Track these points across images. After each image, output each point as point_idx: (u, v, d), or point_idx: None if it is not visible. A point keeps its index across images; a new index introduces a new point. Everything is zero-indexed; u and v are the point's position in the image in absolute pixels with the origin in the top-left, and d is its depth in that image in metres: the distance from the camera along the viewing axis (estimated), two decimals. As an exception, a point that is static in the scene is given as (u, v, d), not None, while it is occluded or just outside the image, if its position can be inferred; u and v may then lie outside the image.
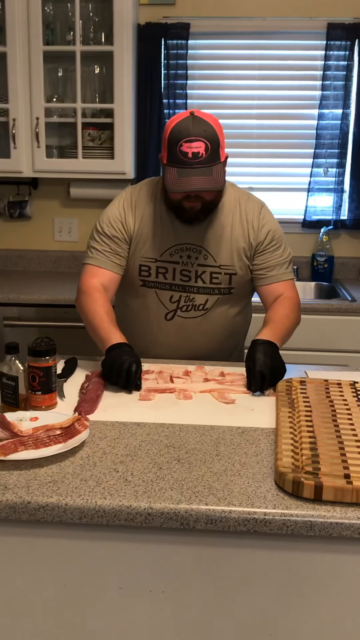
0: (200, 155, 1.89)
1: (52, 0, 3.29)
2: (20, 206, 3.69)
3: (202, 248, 2.10)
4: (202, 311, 2.15)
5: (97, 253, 2.13)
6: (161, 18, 3.48)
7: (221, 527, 1.30)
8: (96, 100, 3.42)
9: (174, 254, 2.11)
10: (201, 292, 2.14)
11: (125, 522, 1.31)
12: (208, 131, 1.91)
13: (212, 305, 2.15)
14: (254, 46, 3.54)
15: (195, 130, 1.90)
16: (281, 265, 2.15)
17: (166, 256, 2.11)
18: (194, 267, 2.11)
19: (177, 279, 2.12)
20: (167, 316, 2.16)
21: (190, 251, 2.10)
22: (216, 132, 1.93)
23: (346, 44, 3.42)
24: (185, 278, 2.12)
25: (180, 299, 2.14)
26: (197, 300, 2.14)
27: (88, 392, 1.82)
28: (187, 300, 2.14)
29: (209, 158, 1.90)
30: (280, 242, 2.16)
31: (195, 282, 2.12)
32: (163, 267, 2.12)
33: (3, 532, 1.36)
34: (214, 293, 2.14)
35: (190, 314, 2.15)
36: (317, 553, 1.32)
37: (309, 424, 1.60)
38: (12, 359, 1.72)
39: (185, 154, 1.89)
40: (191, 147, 1.88)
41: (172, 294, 2.14)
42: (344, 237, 3.69)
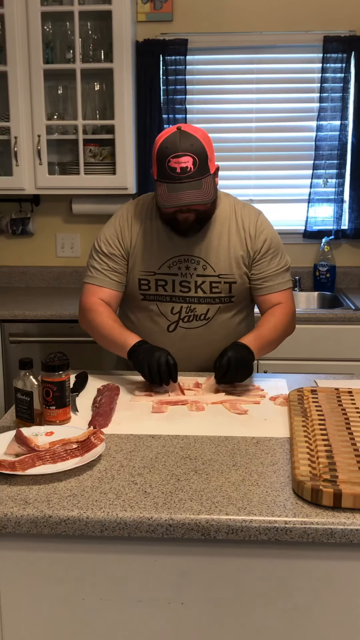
0: (188, 169, 1.91)
1: (51, 19, 3.32)
2: (23, 223, 3.71)
3: (200, 258, 2.11)
4: (204, 321, 2.16)
5: (96, 272, 2.16)
6: (159, 34, 3.52)
7: (242, 536, 1.31)
8: (97, 117, 3.45)
9: (172, 266, 2.12)
10: (202, 302, 2.15)
11: (146, 534, 1.32)
12: (195, 145, 1.93)
13: (213, 315, 2.16)
14: (252, 60, 3.59)
15: (182, 145, 1.92)
16: (278, 275, 2.15)
17: (164, 269, 2.13)
18: (193, 278, 2.13)
19: (177, 291, 2.14)
20: (170, 328, 2.17)
21: (188, 262, 2.12)
22: (203, 145, 1.95)
23: (342, 56, 3.46)
24: (185, 289, 2.14)
25: (181, 310, 2.15)
26: (198, 310, 2.16)
27: (101, 405, 1.83)
28: (189, 311, 2.16)
29: (197, 172, 1.92)
30: (278, 251, 2.16)
31: (195, 293, 2.14)
32: (162, 279, 2.14)
33: (25, 547, 1.36)
34: (215, 302, 2.15)
35: (193, 324, 2.17)
36: (338, 561, 1.33)
37: (323, 433, 1.61)
38: (26, 374, 1.73)
39: (174, 169, 1.91)
40: (179, 163, 1.91)
41: (173, 305, 2.15)
42: (345, 246, 3.72)
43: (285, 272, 2.18)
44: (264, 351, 2.06)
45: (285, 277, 2.18)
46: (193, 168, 1.91)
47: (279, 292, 2.16)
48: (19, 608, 1.40)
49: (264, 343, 2.05)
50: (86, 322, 2.16)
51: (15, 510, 1.34)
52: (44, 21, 3.25)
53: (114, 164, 3.36)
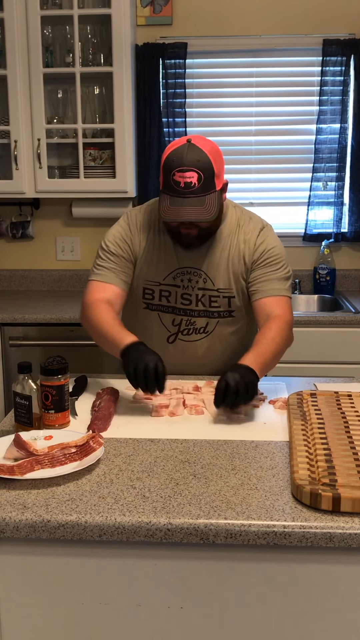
0: (192, 185, 1.89)
1: (51, 23, 3.33)
2: (23, 226, 3.72)
3: (202, 272, 2.10)
4: (203, 334, 2.15)
5: (102, 269, 2.11)
6: (159, 38, 3.52)
7: (241, 540, 1.30)
8: (96, 121, 3.46)
9: (176, 277, 2.11)
10: (202, 316, 2.13)
11: (145, 538, 1.31)
12: (202, 161, 1.90)
13: (212, 329, 2.14)
14: (251, 64, 3.59)
15: (189, 160, 1.89)
16: (274, 281, 2.07)
17: (169, 280, 2.12)
18: (194, 291, 2.11)
19: (178, 303, 2.13)
20: (169, 339, 2.16)
21: (190, 275, 2.10)
22: (211, 162, 1.91)
23: (342, 59, 3.46)
24: (186, 302, 2.13)
25: (181, 322, 2.14)
26: (197, 324, 2.14)
27: (100, 409, 1.83)
28: (188, 324, 2.14)
29: (201, 188, 1.89)
30: (278, 259, 2.10)
31: (195, 306, 2.12)
32: (166, 290, 2.13)
33: (23, 552, 1.36)
34: (214, 316, 2.13)
35: (192, 337, 2.15)
36: (337, 565, 1.33)
37: (322, 436, 1.61)
38: (25, 378, 1.73)
39: (178, 184, 1.89)
40: (184, 177, 1.88)
41: (174, 317, 2.14)
42: (345, 249, 3.72)
43: (283, 280, 2.10)
44: (267, 369, 1.94)
45: (284, 285, 2.09)
46: (197, 184, 1.89)
47: (274, 297, 2.07)
48: (18, 613, 1.40)
49: (266, 360, 1.91)
50: (85, 319, 2.08)
51: (13, 514, 1.33)
52: (43, 25, 3.25)
53: (113, 167, 3.36)
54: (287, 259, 2.13)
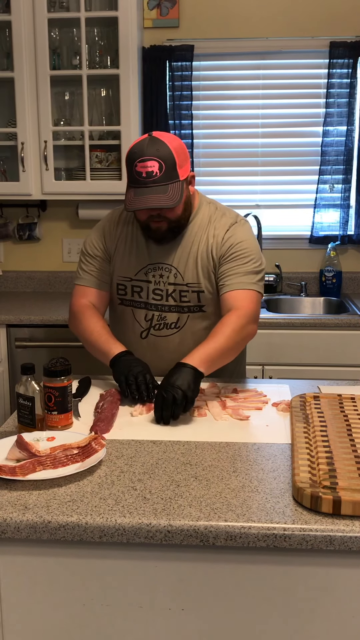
0: (154, 174, 1.91)
1: (58, 26, 3.34)
2: (30, 228, 3.73)
3: (172, 267, 2.11)
4: (175, 329, 2.15)
5: (84, 273, 2.19)
6: (165, 40, 3.53)
7: (240, 543, 1.31)
8: (103, 123, 3.47)
9: (147, 273, 2.13)
10: (172, 311, 2.14)
11: (145, 540, 1.32)
12: (161, 150, 1.93)
13: (184, 324, 2.15)
14: (258, 66, 3.59)
15: (149, 150, 1.92)
16: (242, 275, 2.05)
17: (141, 275, 2.14)
18: (165, 286, 2.13)
19: (150, 298, 2.14)
20: (142, 334, 2.18)
21: (162, 270, 2.12)
22: (171, 151, 1.93)
23: (349, 61, 3.46)
24: (157, 297, 2.14)
25: (153, 317, 2.15)
26: (168, 319, 2.15)
27: (103, 411, 1.84)
28: (160, 319, 2.15)
29: (163, 177, 1.92)
30: (246, 253, 2.07)
31: (166, 301, 2.14)
32: (138, 286, 2.15)
33: (24, 552, 1.37)
34: (184, 311, 2.14)
35: (163, 332, 2.16)
36: (337, 567, 1.32)
37: (324, 439, 1.61)
38: (28, 379, 1.74)
39: (140, 174, 1.92)
40: (145, 167, 1.91)
41: (147, 312, 2.16)
42: (352, 252, 3.71)
43: (251, 273, 2.06)
44: (216, 365, 1.94)
45: (251, 279, 2.05)
46: (159, 173, 1.91)
47: (238, 290, 2.04)
48: (20, 613, 1.40)
49: (214, 357, 1.91)
50: (74, 326, 2.19)
51: (14, 515, 1.34)
52: (50, 28, 3.26)
53: (120, 169, 3.37)
54: (259, 253, 2.11)
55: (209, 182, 3.72)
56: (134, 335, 2.18)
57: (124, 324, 2.21)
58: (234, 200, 3.71)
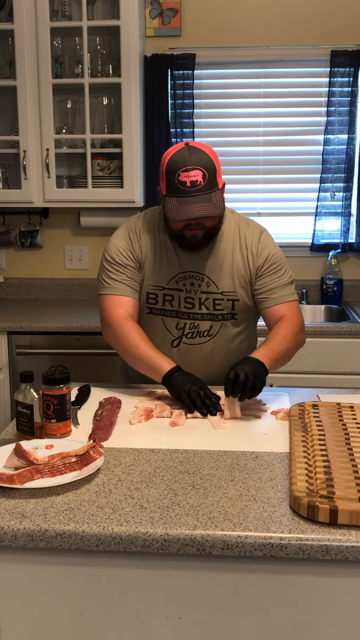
0: (198, 183, 1.92)
1: (60, 34, 3.36)
2: (32, 235, 3.74)
3: (205, 275, 2.12)
4: (207, 337, 2.17)
5: (114, 282, 2.13)
6: (167, 49, 3.54)
7: (237, 552, 1.30)
8: (105, 131, 3.48)
9: (178, 281, 2.13)
10: (205, 319, 2.15)
11: (141, 549, 1.32)
12: (204, 159, 1.95)
13: (216, 332, 2.17)
14: (259, 74, 3.61)
15: (192, 159, 1.93)
16: (282, 288, 2.14)
17: (172, 284, 2.14)
18: (198, 295, 2.13)
19: (182, 307, 2.15)
20: (173, 343, 2.18)
21: (193, 279, 2.12)
22: (212, 160, 1.96)
23: (350, 70, 3.47)
24: (189, 305, 2.14)
25: (185, 325, 2.16)
26: (201, 327, 2.16)
27: (102, 419, 1.84)
28: (192, 327, 2.16)
29: (207, 185, 1.94)
30: (281, 265, 2.15)
31: (199, 309, 2.14)
32: (170, 294, 2.14)
33: (21, 560, 1.37)
34: (218, 319, 2.16)
35: (196, 341, 2.17)
36: (334, 577, 1.32)
37: (322, 448, 1.61)
38: (27, 387, 1.74)
39: (184, 183, 1.92)
40: (189, 176, 1.92)
41: (178, 321, 2.16)
42: (353, 260, 3.71)
43: (289, 285, 2.16)
44: (277, 364, 2.02)
45: (290, 290, 2.16)
46: (203, 182, 1.93)
47: (284, 303, 2.14)
48: (17, 622, 1.40)
49: (276, 356, 2.01)
50: (114, 338, 2.11)
51: (11, 523, 1.34)
52: (53, 36, 3.28)
53: (121, 177, 3.38)
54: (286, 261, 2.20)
55: (211, 190, 3.73)
56: (163, 344, 2.17)
57: (153, 333, 2.17)
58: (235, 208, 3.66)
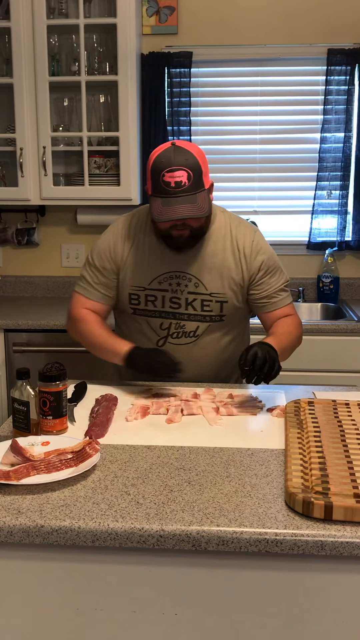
0: (183, 184, 1.91)
1: (57, 32, 3.36)
2: (28, 233, 3.74)
3: (193, 276, 2.11)
4: (193, 338, 2.15)
5: (86, 284, 2.18)
6: (164, 47, 3.54)
7: (232, 548, 1.31)
8: (102, 129, 3.48)
9: (163, 282, 2.12)
10: (192, 320, 2.14)
11: (137, 545, 1.32)
12: (189, 160, 1.93)
13: (202, 332, 2.15)
14: (256, 73, 3.61)
15: (177, 160, 1.92)
16: (280, 291, 2.17)
17: (155, 284, 2.13)
18: (184, 295, 2.12)
19: (166, 307, 2.13)
20: (159, 343, 2.17)
21: (179, 279, 2.11)
22: (198, 161, 1.94)
23: (346, 68, 3.47)
24: (175, 305, 2.13)
25: (170, 326, 2.15)
26: (187, 327, 2.15)
27: (98, 416, 1.84)
28: (178, 327, 2.15)
29: (192, 186, 1.92)
30: (276, 269, 2.16)
31: (185, 310, 2.13)
32: (152, 295, 2.14)
33: (16, 556, 1.37)
34: (205, 320, 2.14)
35: (181, 341, 2.16)
36: (329, 573, 1.33)
37: (317, 445, 1.61)
38: (24, 384, 1.74)
39: (168, 184, 1.91)
40: (174, 177, 1.91)
41: (162, 321, 2.15)
42: (349, 258, 3.72)
43: (285, 287, 2.19)
44: (283, 355, 2.03)
45: (286, 292, 2.20)
46: (187, 182, 1.91)
47: (284, 307, 2.18)
48: (12, 618, 1.41)
49: (283, 347, 2.03)
50: (76, 331, 2.21)
51: (7, 519, 1.35)
52: (49, 34, 3.28)
53: (118, 175, 3.38)
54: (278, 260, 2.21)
55: (207, 188, 3.73)
56: (149, 343, 2.17)
57: (140, 333, 2.19)
58: (231, 206, 3.66)
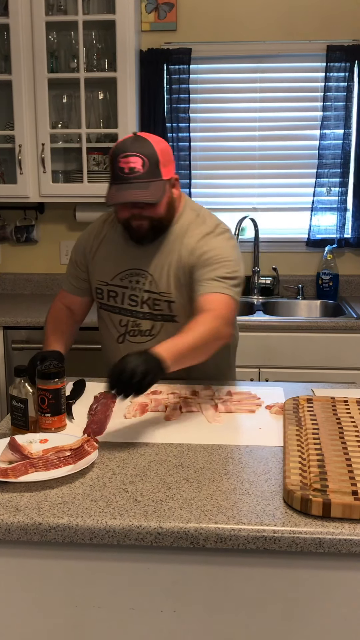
0: (136, 170, 1.89)
1: (56, 29, 3.35)
2: (27, 231, 3.74)
3: (148, 273, 2.08)
4: (149, 337, 2.12)
5: (65, 277, 2.28)
6: (163, 44, 3.54)
7: (230, 545, 1.31)
8: (100, 126, 3.48)
9: (124, 278, 2.11)
10: (147, 318, 2.11)
11: (135, 542, 1.32)
12: (146, 148, 1.91)
13: (158, 332, 2.11)
14: (255, 69, 3.60)
15: (133, 146, 1.91)
16: (213, 280, 1.97)
17: (117, 280, 2.12)
18: (141, 293, 2.10)
19: (125, 304, 2.13)
20: (119, 339, 2.17)
21: (139, 276, 2.10)
22: (155, 150, 1.92)
23: (346, 65, 3.46)
24: (133, 303, 2.12)
25: (128, 323, 2.14)
26: (143, 326, 2.12)
27: (97, 413, 1.84)
28: (134, 325, 2.13)
29: (146, 174, 1.90)
30: (216, 260, 1.99)
31: (141, 308, 2.11)
32: (113, 290, 2.14)
33: (15, 554, 1.37)
34: (158, 319, 2.10)
35: (138, 339, 2.13)
36: (327, 570, 1.33)
37: (316, 442, 1.61)
38: (22, 381, 1.74)
39: (122, 169, 1.91)
40: (128, 162, 1.90)
41: (122, 318, 2.15)
42: (348, 255, 3.71)
43: (225, 279, 1.98)
44: (184, 361, 1.80)
45: (222, 283, 1.97)
46: (142, 169, 1.90)
47: (211, 293, 1.95)
48: (10, 615, 1.41)
49: (183, 351, 1.77)
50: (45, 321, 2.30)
51: (5, 517, 1.35)
52: (48, 31, 3.27)
53: (117, 172, 3.37)
54: (235, 260, 2.02)
55: (207, 185, 3.73)
56: (111, 338, 2.19)
57: (105, 328, 2.22)
58: (231, 203, 3.72)
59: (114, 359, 2.04)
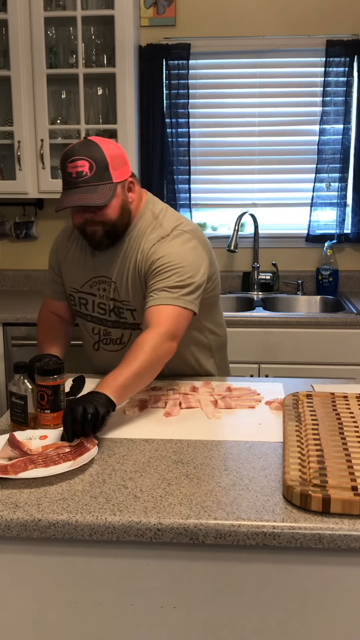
0: (84, 174, 1.87)
1: (54, 24, 3.34)
2: (26, 227, 3.73)
3: (112, 281, 2.06)
4: (120, 345, 2.11)
5: (47, 282, 2.28)
6: (162, 39, 3.53)
7: (230, 541, 1.31)
8: (99, 121, 3.47)
9: (92, 285, 2.10)
10: (115, 327, 2.10)
11: (135, 538, 1.32)
12: (94, 152, 1.88)
13: (128, 340, 2.09)
14: (255, 64, 3.59)
15: (80, 150, 1.89)
16: (160, 291, 1.91)
17: (86, 288, 2.11)
18: (108, 301, 2.08)
19: (95, 312, 2.11)
20: (95, 346, 2.17)
21: (105, 284, 2.08)
22: (104, 154, 1.89)
23: (345, 60, 3.46)
24: (101, 311, 2.10)
25: (100, 331, 2.13)
26: (113, 335, 2.11)
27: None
28: (105, 334, 2.12)
29: (93, 177, 1.87)
30: (168, 268, 1.93)
31: (109, 317, 2.09)
32: (83, 298, 2.12)
33: (14, 550, 1.37)
34: (126, 327, 2.09)
35: (110, 347, 2.13)
36: (326, 565, 1.33)
37: (316, 437, 1.61)
38: (21, 378, 1.74)
39: (70, 174, 1.88)
40: (75, 167, 1.87)
41: (94, 325, 2.14)
42: (348, 250, 3.71)
43: (174, 288, 1.91)
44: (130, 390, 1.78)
45: (172, 294, 1.90)
46: (89, 173, 1.87)
47: (157, 306, 1.89)
48: (10, 612, 1.41)
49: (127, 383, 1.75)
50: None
51: (5, 513, 1.34)
52: (47, 26, 3.26)
53: (116, 168, 3.37)
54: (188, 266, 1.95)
55: (206, 180, 3.73)
56: (88, 345, 2.20)
57: (82, 335, 2.22)
58: (230, 198, 3.71)
59: (95, 365, 2.12)
